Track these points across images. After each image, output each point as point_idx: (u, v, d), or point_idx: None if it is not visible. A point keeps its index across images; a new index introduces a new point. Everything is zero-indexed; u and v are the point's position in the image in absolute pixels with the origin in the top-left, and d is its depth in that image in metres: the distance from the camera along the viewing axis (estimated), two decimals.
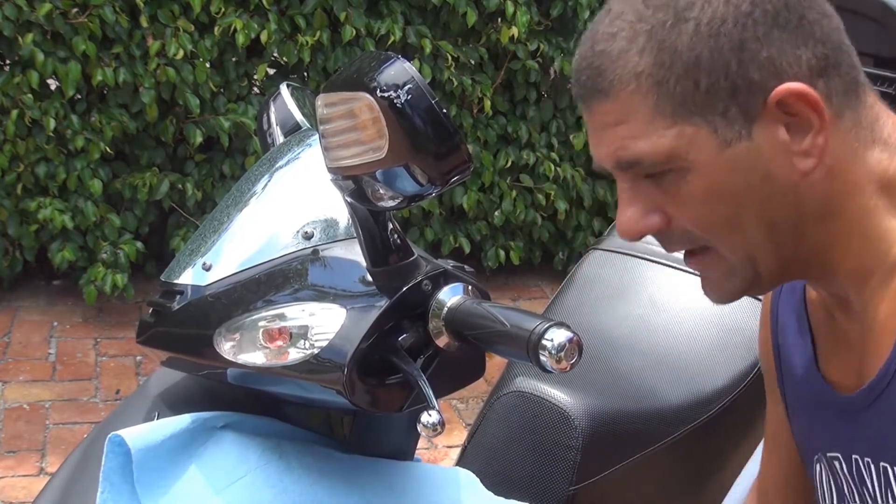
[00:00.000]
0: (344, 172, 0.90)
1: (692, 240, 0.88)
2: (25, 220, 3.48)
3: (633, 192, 0.86)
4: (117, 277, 3.42)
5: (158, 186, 3.51)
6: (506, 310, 0.97)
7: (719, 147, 0.82)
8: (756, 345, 1.56)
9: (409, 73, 0.78)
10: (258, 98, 3.61)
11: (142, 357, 3.39)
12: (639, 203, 0.86)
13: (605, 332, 1.59)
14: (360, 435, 1.16)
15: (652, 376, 1.52)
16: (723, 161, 0.82)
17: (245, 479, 1.06)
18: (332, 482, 1.09)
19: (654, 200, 0.86)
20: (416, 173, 0.81)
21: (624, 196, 0.87)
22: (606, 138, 0.85)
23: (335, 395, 1.00)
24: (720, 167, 0.83)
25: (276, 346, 1.04)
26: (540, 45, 3.79)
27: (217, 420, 1.10)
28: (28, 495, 2.69)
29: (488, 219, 3.95)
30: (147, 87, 3.39)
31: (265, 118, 1.37)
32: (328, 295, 1.05)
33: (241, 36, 3.37)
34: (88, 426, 2.94)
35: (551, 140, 3.98)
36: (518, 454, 1.51)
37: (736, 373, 1.53)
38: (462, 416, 3.21)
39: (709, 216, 0.85)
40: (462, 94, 3.75)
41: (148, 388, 1.20)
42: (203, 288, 1.11)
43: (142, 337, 1.16)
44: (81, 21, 3.28)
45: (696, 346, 1.57)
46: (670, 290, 1.65)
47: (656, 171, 0.84)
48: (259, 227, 1.15)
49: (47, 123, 3.31)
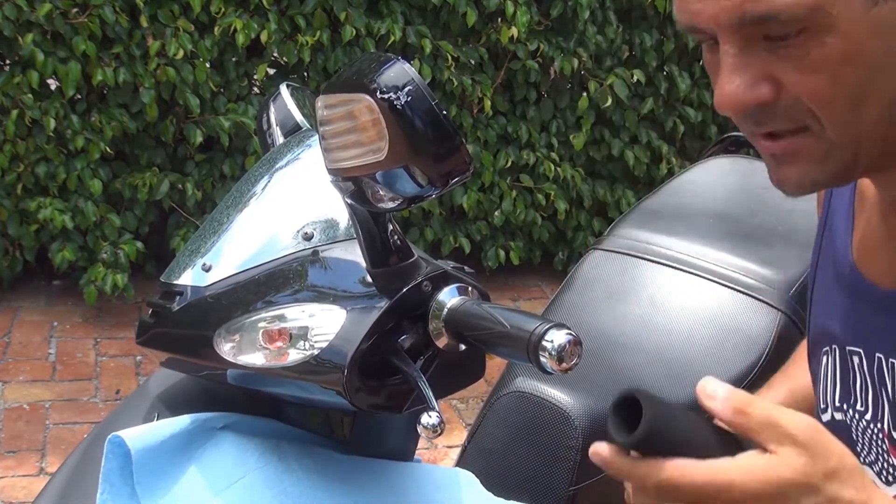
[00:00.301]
0: (344, 174, 0.90)
1: (795, 116, 0.78)
2: (25, 220, 3.48)
3: (742, 58, 0.76)
4: (117, 277, 3.42)
5: (158, 186, 3.52)
6: (506, 311, 0.97)
7: (866, 4, 0.73)
8: (755, 345, 1.57)
9: (409, 75, 0.78)
10: (258, 98, 3.61)
11: (142, 357, 3.39)
12: (749, 70, 0.76)
13: (605, 333, 1.59)
14: (359, 436, 1.16)
15: (652, 376, 1.52)
16: (867, 21, 0.73)
17: (244, 480, 1.06)
18: (332, 483, 1.09)
19: (766, 68, 0.76)
20: (416, 175, 0.81)
21: (729, 62, 0.76)
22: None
23: (335, 395, 1.00)
24: (863, 28, 0.73)
25: (275, 346, 1.04)
26: (540, 45, 3.79)
27: (217, 421, 1.10)
28: (28, 495, 2.69)
29: (488, 219, 3.95)
30: (147, 87, 3.39)
31: (265, 118, 1.36)
32: (328, 296, 1.04)
33: (241, 36, 3.37)
34: (88, 426, 2.94)
35: (551, 140, 3.98)
36: (518, 454, 1.51)
37: (736, 373, 1.53)
38: (462, 417, 3.21)
39: (834, 86, 0.75)
40: (462, 94, 3.75)
41: (147, 389, 1.20)
42: (203, 289, 1.11)
43: (141, 337, 1.16)
44: (81, 21, 3.28)
45: (695, 346, 1.57)
46: (670, 290, 1.65)
47: (788, 30, 0.74)
48: (259, 228, 1.15)
49: (47, 123, 3.31)
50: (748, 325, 1.58)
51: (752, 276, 1.64)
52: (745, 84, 0.76)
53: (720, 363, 1.54)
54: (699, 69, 4.14)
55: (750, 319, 1.59)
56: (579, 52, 3.87)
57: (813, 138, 0.79)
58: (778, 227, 1.76)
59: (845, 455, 0.72)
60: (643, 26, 4.03)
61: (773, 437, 0.70)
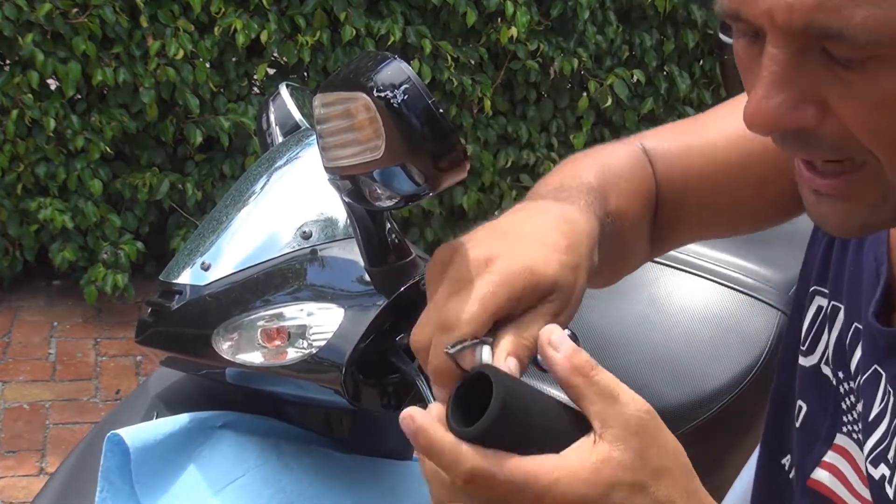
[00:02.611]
0: (341, 172, 0.90)
1: (844, 148, 0.64)
2: (25, 220, 3.48)
3: (791, 71, 0.61)
4: (117, 277, 3.43)
5: (158, 186, 3.52)
6: None
7: None
8: (755, 345, 1.57)
9: (406, 73, 0.78)
10: (258, 98, 3.61)
11: (142, 357, 3.39)
12: (795, 87, 0.61)
13: (604, 332, 1.59)
14: (358, 434, 1.16)
15: (651, 376, 1.52)
16: None
17: (243, 479, 1.06)
18: (330, 482, 1.09)
19: (816, 87, 0.61)
20: (413, 173, 0.81)
21: (774, 71, 0.61)
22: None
23: (333, 394, 1.01)
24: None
25: (274, 345, 1.04)
26: (540, 45, 3.79)
27: (215, 419, 1.10)
28: (28, 495, 2.69)
29: (488, 219, 3.95)
30: (147, 87, 3.39)
31: (265, 118, 1.37)
32: (326, 294, 1.05)
33: (241, 36, 3.37)
34: (88, 426, 2.94)
35: (551, 140, 3.98)
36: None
37: (735, 373, 1.53)
38: None
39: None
40: (462, 94, 3.75)
41: (147, 388, 1.20)
42: (202, 287, 1.11)
43: (140, 336, 1.16)
44: (81, 21, 3.28)
45: (695, 346, 1.57)
46: (670, 289, 1.65)
47: (857, 54, 0.59)
48: (258, 227, 1.15)
49: (47, 123, 3.31)
50: (748, 325, 1.58)
51: (752, 275, 1.64)
52: (789, 103, 0.62)
53: (720, 363, 1.54)
54: (699, 69, 4.14)
55: (750, 319, 1.59)
56: (579, 52, 3.87)
57: (867, 178, 0.65)
58: (778, 227, 1.76)
59: (679, 454, 0.66)
60: (643, 26, 4.03)
61: (605, 414, 0.63)
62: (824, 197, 0.67)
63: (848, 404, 0.86)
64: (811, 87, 0.62)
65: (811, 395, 0.91)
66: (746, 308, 1.60)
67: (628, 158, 0.97)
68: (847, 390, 0.86)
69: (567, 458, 0.63)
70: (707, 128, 1.02)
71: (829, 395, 0.88)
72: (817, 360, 0.91)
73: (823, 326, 0.91)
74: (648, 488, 0.63)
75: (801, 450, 0.92)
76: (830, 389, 0.88)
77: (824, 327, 0.90)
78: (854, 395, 0.84)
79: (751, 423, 1.53)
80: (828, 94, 0.62)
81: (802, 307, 0.95)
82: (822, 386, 0.90)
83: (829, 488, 0.88)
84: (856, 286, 0.85)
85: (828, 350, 0.89)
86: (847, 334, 0.85)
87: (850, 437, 0.86)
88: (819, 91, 0.62)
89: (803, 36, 0.59)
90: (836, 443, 0.87)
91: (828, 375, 0.89)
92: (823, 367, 0.91)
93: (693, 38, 4.06)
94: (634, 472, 0.63)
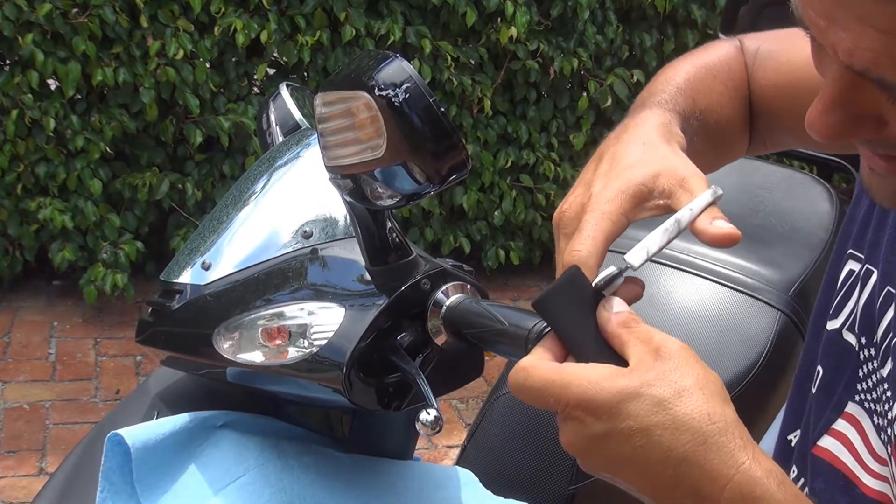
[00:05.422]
0: (342, 171, 0.90)
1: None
2: (25, 220, 3.48)
3: (850, 94, 0.65)
4: (117, 277, 3.43)
5: (158, 186, 3.52)
6: (504, 308, 0.97)
7: None
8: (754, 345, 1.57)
9: (408, 72, 0.78)
10: (258, 98, 3.62)
11: (142, 357, 3.39)
12: (853, 107, 0.66)
13: None
14: (359, 434, 1.16)
15: None
16: None
17: (244, 479, 1.06)
18: (331, 481, 1.09)
19: (875, 106, 0.66)
20: (414, 172, 0.81)
21: (834, 91, 0.66)
22: (865, 37, 0.60)
23: (334, 393, 1.00)
24: None
25: (275, 344, 1.04)
26: (540, 45, 3.79)
27: (216, 419, 1.10)
28: (28, 495, 2.69)
29: (488, 219, 3.96)
30: (147, 87, 3.40)
31: (265, 118, 1.36)
32: (327, 294, 1.04)
33: (241, 36, 3.38)
34: (88, 426, 2.94)
35: (551, 140, 3.98)
36: (518, 454, 1.50)
37: (735, 372, 1.53)
38: (462, 416, 3.21)
39: None
40: (462, 94, 3.75)
41: (147, 388, 1.20)
42: (202, 287, 1.11)
43: (141, 336, 1.16)
44: (81, 21, 3.28)
45: (695, 346, 1.55)
46: (670, 289, 1.65)
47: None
48: (258, 227, 1.15)
49: (47, 123, 3.31)
50: (748, 325, 1.58)
51: (752, 275, 1.64)
52: (847, 123, 0.66)
53: (720, 362, 1.54)
54: None
55: (750, 319, 1.59)
56: (579, 52, 3.87)
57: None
58: (778, 227, 1.76)
59: (708, 382, 0.71)
60: (643, 26, 4.03)
61: (640, 350, 0.71)
62: (877, 173, 0.72)
63: (867, 370, 0.88)
64: (870, 105, 0.66)
65: (828, 359, 0.94)
66: (746, 308, 1.60)
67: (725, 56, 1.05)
68: (868, 356, 0.88)
69: (589, 368, 0.71)
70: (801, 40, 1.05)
71: (847, 360, 0.91)
72: (839, 325, 0.94)
73: (853, 290, 0.93)
74: (668, 404, 0.69)
75: (814, 416, 0.94)
76: (851, 355, 0.90)
77: (853, 291, 0.93)
78: (877, 360, 0.86)
79: (751, 422, 1.53)
80: (886, 112, 0.65)
81: (837, 269, 0.98)
82: (841, 351, 0.92)
83: (836, 455, 0.90)
84: (894, 252, 0.88)
85: (854, 314, 0.91)
86: (878, 298, 0.87)
87: (862, 407, 0.88)
88: (878, 109, 0.66)
89: (853, 73, 0.64)
90: (846, 410, 0.89)
91: (849, 341, 0.91)
92: (846, 332, 0.92)
93: (693, 38, 4.07)
94: (650, 387, 0.69)
